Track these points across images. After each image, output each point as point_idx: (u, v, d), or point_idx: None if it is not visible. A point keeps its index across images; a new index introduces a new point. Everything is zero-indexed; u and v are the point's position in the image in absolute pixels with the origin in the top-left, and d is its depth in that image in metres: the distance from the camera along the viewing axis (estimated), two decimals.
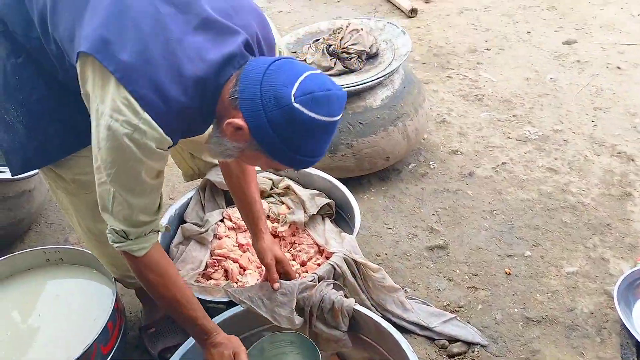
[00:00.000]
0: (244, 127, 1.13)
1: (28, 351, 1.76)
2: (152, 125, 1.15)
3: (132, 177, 1.22)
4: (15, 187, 2.23)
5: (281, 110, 1.10)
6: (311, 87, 1.12)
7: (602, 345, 1.77)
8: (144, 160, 1.19)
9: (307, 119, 1.11)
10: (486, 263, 2.10)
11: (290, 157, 1.16)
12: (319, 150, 1.19)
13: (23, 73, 1.37)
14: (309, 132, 1.13)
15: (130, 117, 1.13)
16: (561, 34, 3.59)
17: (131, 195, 1.25)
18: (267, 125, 1.12)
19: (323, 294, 1.55)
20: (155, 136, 1.16)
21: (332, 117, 1.15)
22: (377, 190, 2.52)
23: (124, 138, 1.15)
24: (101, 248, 1.71)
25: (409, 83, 2.48)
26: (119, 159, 1.18)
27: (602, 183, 2.40)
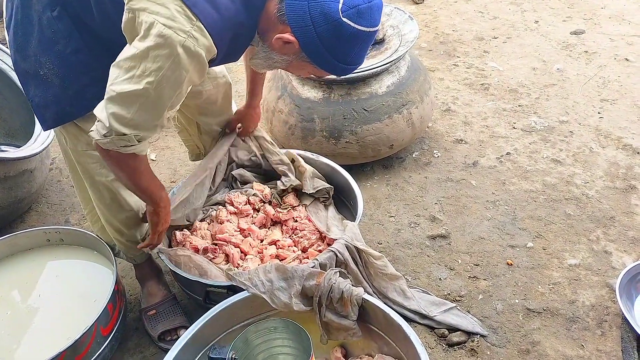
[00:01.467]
0: (294, 41, 1.23)
1: (27, 331, 1.76)
2: (204, 33, 1.20)
3: (173, 86, 1.26)
4: (16, 166, 2.22)
5: (330, 24, 1.20)
6: (355, 1, 1.20)
7: (602, 338, 1.77)
8: (190, 69, 1.24)
9: (354, 32, 1.21)
10: (488, 253, 2.09)
11: (335, 66, 1.28)
12: (361, 59, 1.32)
13: (59, 25, 1.42)
14: (355, 43, 1.24)
15: (184, 24, 1.18)
16: (569, 24, 3.55)
17: (161, 103, 1.28)
18: (317, 39, 1.21)
19: (332, 283, 1.54)
20: (206, 44, 1.22)
21: (374, 27, 1.25)
22: (380, 178, 2.51)
23: (177, 46, 1.18)
24: (112, 208, 1.72)
25: (415, 70, 2.46)
26: (167, 67, 1.21)
27: (606, 175, 2.39)
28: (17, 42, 1.50)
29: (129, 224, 1.78)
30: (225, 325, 1.63)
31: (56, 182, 2.70)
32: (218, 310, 1.57)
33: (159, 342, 1.86)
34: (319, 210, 2.06)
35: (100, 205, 1.73)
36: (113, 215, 1.74)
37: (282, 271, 1.58)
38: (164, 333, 1.87)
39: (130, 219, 1.77)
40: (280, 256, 1.89)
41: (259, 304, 1.61)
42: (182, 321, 1.88)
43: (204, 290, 1.71)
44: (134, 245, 1.84)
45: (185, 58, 1.21)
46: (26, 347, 1.72)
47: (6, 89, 2.60)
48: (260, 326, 1.50)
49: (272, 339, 1.54)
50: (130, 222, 1.78)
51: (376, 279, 1.82)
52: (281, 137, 2.50)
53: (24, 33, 1.48)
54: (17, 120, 2.68)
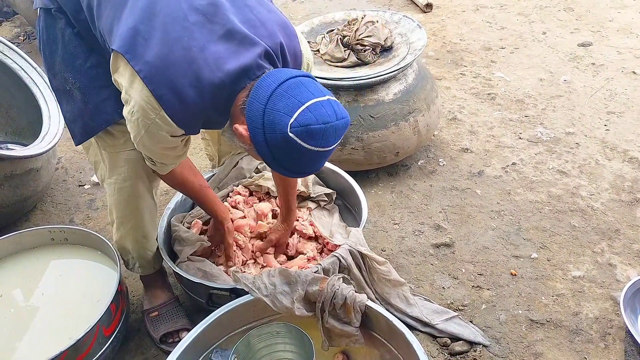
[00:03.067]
0: (246, 136, 1.27)
1: (30, 330, 1.76)
2: (167, 121, 1.30)
3: (151, 149, 1.43)
4: (22, 165, 2.23)
5: (277, 135, 1.21)
6: (309, 120, 1.20)
7: (605, 351, 1.76)
8: (158, 142, 1.39)
9: (300, 148, 1.21)
10: (492, 263, 2.08)
11: (282, 170, 1.30)
12: (310, 170, 1.33)
13: (80, 41, 1.50)
14: (300, 158, 1.24)
15: (149, 113, 1.30)
16: (577, 36, 3.55)
17: (150, 154, 1.48)
18: (264, 143, 1.24)
19: (335, 289, 1.54)
20: (169, 129, 1.33)
21: (326, 147, 1.25)
22: (385, 185, 2.51)
23: (142, 127, 1.34)
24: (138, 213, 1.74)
25: (422, 78, 2.46)
26: (140, 136, 1.38)
27: (612, 188, 2.38)
28: (47, 62, 1.57)
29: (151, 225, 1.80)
30: (227, 328, 1.62)
31: (62, 181, 2.70)
32: (220, 314, 1.56)
33: (160, 344, 1.86)
34: (322, 216, 2.07)
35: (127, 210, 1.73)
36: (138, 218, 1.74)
37: (285, 275, 1.58)
38: (166, 335, 1.86)
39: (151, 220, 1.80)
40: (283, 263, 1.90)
41: (261, 308, 1.60)
42: (184, 323, 1.88)
43: (206, 292, 1.71)
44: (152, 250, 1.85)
45: (149, 138, 1.36)
46: (28, 345, 1.72)
47: (15, 88, 2.61)
48: (262, 330, 1.50)
49: (274, 343, 1.54)
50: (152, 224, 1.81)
51: (379, 285, 1.82)
52: None
53: (50, 52, 1.55)
54: (25, 119, 2.69)
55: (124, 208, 1.72)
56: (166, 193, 2.53)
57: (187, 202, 2.12)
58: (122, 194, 1.69)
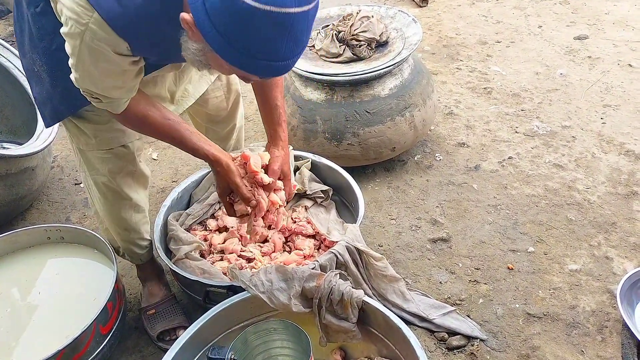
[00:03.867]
0: (189, 20, 1.02)
1: (27, 329, 1.76)
2: (103, 26, 1.10)
3: (92, 72, 1.21)
4: (18, 163, 2.22)
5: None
6: None
7: (602, 344, 1.76)
8: (102, 61, 1.17)
9: (242, 8, 0.95)
10: (489, 257, 2.09)
11: (239, 58, 1.02)
12: (274, 50, 1.01)
13: (43, 21, 1.37)
14: (250, 25, 0.97)
15: (82, 17, 1.10)
16: (573, 29, 3.55)
17: (92, 83, 1.25)
18: (205, 15, 0.99)
19: (332, 285, 1.54)
20: (108, 38, 1.12)
21: (283, 7, 0.96)
22: (381, 180, 2.50)
23: (76, 39, 1.13)
24: (113, 210, 1.72)
25: (418, 73, 2.45)
26: (77, 56, 1.18)
27: (608, 181, 2.38)
28: (17, 40, 1.50)
29: (133, 220, 1.78)
30: (224, 325, 1.62)
31: (57, 180, 2.70)
32: (217, 311, 1.56)
33: (157, 341, 1.86)
34: (319, 213, 2.06)
35: (106, 204, 1.73)
36: (117, 214, 1.74)
37: (282, 272, 1.58)
38: (163, 333, 1.86)
39: (135, 215, 1.77)
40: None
41: (258, 305, 1.60)
42: (181, 321, 1.88)
43: (203, 290, 1.71)
44: (139, 243, 1.84)
45: (89, 55, 1.16)
46: (25, 344, 1.71)
47: (9, 86, 2.60)
48: (259, 327, 1.50)
49: (271, 340, 1.54)
50: (134, 218, 1.78)
51: (375, 280, 1.82)
52: None
53: (20, 31, 1.46)
54: (20, 117, 2.68)
55: (104, 203, 1.71)
56: (162, 191, 2.52)
57: (184, 199, 2.12)
58: (100, 190, 1.68)
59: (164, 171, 2.66)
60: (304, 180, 2.08)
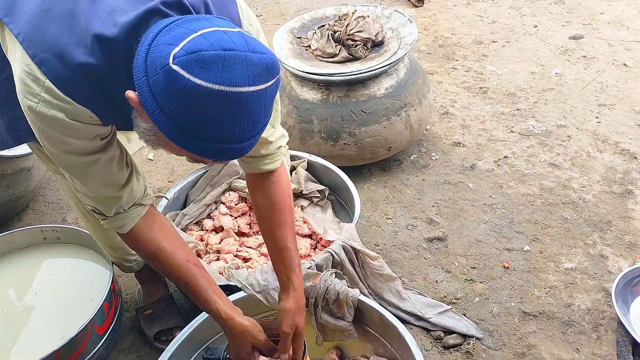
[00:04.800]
0: (134, 98, 0.91)
1: (23, 329, 1.76)
2: (56, 94, 1.00)
3: (63, 157, 1.09)
4: (13, 164, 2.22)
5: (158, 73, 0.86)
6: (201, 45, 0.85)
7: (598, 342, 1.77)
8: (62, 137, 1.05)
9: (190, 87, 0.85)
10: (485, 256, 2.09)
11: (190, 142, 0.90)
12: (228, 133, 0.89)
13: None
14: (199, 106, 0.86)
15: (33, 87, 1.00)
16: (568, 29, 3.56)
17: (76, 175, 1.13)
18: (149, 94, 0.88)
19: (328, 284, 1.54)
20: (63, 106, 1.01)
21: (235, 87, 0.86)
22: (377, 180, 2.51)
23: (32, 113, 1.02)
24: (96, 229, 1.70)
25: (413, 73, 2.46)
26: (42, 137, 1.07)
27: (603, 180, 2.39)
28: None
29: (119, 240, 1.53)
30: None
31: (53, 180, 2.69)
32: None
33: (154, 341, 1.86)
34: (315, 212, 2.07)
35: (87, 225, 1.71)
36: (100, 233, 1.71)
37: None
38: (160, 333, 1.86)
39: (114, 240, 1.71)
40: None
41: (254, 304, 1.61)
42: (178, 321, 1.88)
43: None
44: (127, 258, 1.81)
45: (47, 126, 1.04)
46: (21, 345, 1.71)
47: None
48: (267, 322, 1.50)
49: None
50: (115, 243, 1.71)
51: (372, 279, 1.82)
52: None
53: None
54: None
55: (85, 222, 1.69)
56: (158, 191, 2.52)
57: (179, 201, 2.12)
58: (80, 211, 1.66)
59: (160, 171, 2.66)
60: (300, 180, 2.09)
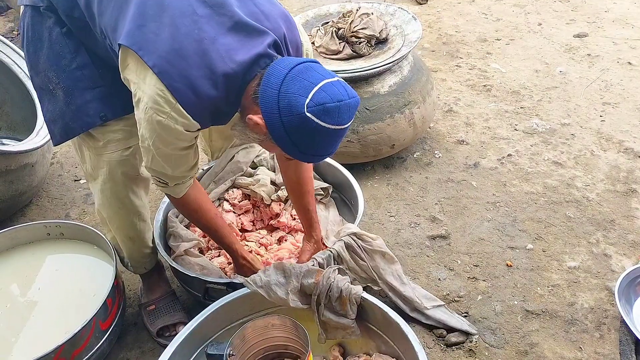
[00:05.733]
0: (262, 124, 1.27)
1: (26, 324, 1.76)
2: (183, 114, 1.30)
3: (165, 152, 1.39)
4: (17, 160, 2.22)
5: (294, 116, 1.23)
6: (324, 99, 1.22)
7: (600, 341, 1.77)
8: (173, 140, 1.36)
9: (317, 127, 1.23)
10: (487, 254, 2.09)
11: (300, 154, 1.31)
12: (327, 151, 1.33)
13: (67, 41, 1.49)
14: (318, 137, 1.26)
15: (164, 107, 1.29)
16: (573, 27, 3.55)
17: (164, 161, 1.42)
18: (281, 127, 1.25)
19: (330, 282, 1.54)
20: (185, 122, 1.31)
21: (341, 125, 1.26)
22: (380, 177, 2.51)
23: (157, 123, 1.31)
24: (123, 218, 1.73)
25: (417, 70, 2.46)
26: (154, 137, 1.35)
27: (607, 179, 2.39)
28: (30, 59, 1.56)
29: (138, 228, 1.78)
30: (223, 322, 1.63)
31: (57, 176, 2.70)
32: (216, 307, 1.57)
33: (157, 337, 1.86)
34: (319, 211, 2.06)
35: (111, 210, 1.73)
36: (123, 221, 1.74)
37: (280, 268, 1.59)
38: (163, 329, 1.87)
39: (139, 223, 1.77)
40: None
41: (257, 301, 1.61)
42: (181, 317, 1.88)
43: (203, 286, 1.71)
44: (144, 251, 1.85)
45: (166, 133, 1.33)
46: (25, 340, 1.72)
47: (9, 82, 2.60)
48: (258, 323, 1.50)
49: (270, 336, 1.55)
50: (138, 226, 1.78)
51: (375, 260, 1.78)
52: None
53: (35, 50, 1.53)
54: (19, 114, 2.68)
55: (108, 209, 1.72)
56: None
57: None
58: (105, 195, 1.68)
59: None
60: None
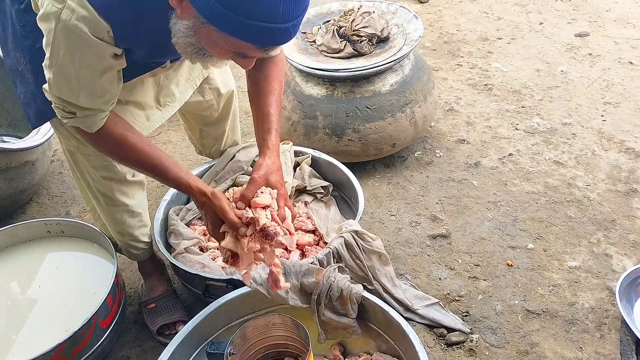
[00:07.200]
0: None
1: (26, 322, 1.76)
2: (82, 2, 1.02)
3: (68, 68, 1.12)
4: (18, 157, 2.22)
5: None
6: None
7: (601, 341, 1.77)
8: (77, 50, 1.08)
9: None
10: (488, 254, 2.09)
11: (240, 23, 0.95)
12: (273, 10, 0.94)
13: (27, 19, 1.31)
14: None
15: None
16: (574, 26, 3.54)
17: (66, 83, 1.16)
18: None
19: (331, 281, 1.54)
20: (86, 16, 1.03)
21: None
22: (381, 176, 2.50)
23: (53, 17, 1.05)
24: (108, 213, 1.71)
25: (419, 69, 2.45)
26: (54, 42, 1.09)
27: (608, 178, 2.38)
28: (0, 39, 1.45)
29: (128, 224, 1.76)
30: (224, 320, 1.63)
31: (57, 173, 2.70)
32: (217, 306, 1.57)
33: (157, 335, 1.86)
34: (319, 209, 2.06)
35: (98, 207, 1.72)
36: (111, 217, 1.73)
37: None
38: (163, 327, 1.87)
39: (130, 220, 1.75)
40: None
41: (258, 300, 1.61)
42: (181, 315, 1.88)
43: (203, 284, 1.71)
44: (135, 245, 1.83)
45: (64, 34, 1.06)
46: (25, 338, 1.72)
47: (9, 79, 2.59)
48: (258, 322, 1.50)
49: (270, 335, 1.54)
50: (129, 223, 1.75)
51: (372, 260, 1.78)
52: (283, 133, 2.49)
53: (2, 28, 1.41)
54: (20, 111, 2.68)
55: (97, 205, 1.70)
56: (162, 185, 2.52)
57: (184, 195, 2.11)
58: (93, 193, 1.66)
59: None
60: (304, 176, 2.08)
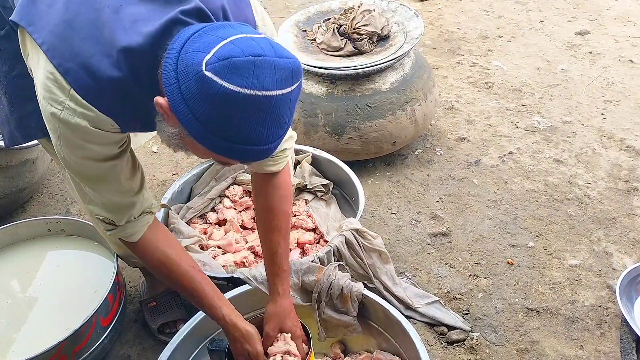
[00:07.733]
0: (164, 104, 0.95)
1: (27, 321, 1.76)
2: (81, 102, 1.03)
3: (78, 164, 1.12)
4: (18, 155, 2.21)
5: (191, 80, 0.90)
6: (232, 52, 0.89)
7: (601, 339, 1.77)
8: (82, 143, 1.08)
9: (224, 93, 0.88)
10: (489, 252, 2.09)
11: (219, 144, 0.94)
12: (255, 135, 0.93)
13: (5, 45, 1.28)
14: (230, 110, 0.90)
15: (57, 95, 1.03)
16: (574, 24, 3.54)
17: (83, 181, 1.16)
18: (182, 100, 0.92)
19: (332, 280, 1.54)
20: (87, 113, 1.04)
21: (264, 90, 0.90)
22: (382, 174, 2.50)
23: (52, 118, 1.05)
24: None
25: (419, 67, 2.45)
26: (62, 144, 1.09)
27: (609, 177, 2.38)
28: None
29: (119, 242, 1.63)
30: None
31: (58, 172, 2.69)
32: None
33: (158, 334, 1.86)
34: (320, 207, 2.07)
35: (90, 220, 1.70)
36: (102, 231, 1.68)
37: None
38: (164, 325, 1.87)
39: None
40: None
41: (259, 298, 1.61)
42: (182, 314, 1.88)
43: None
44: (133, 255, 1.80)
45: (70, 133, 1.06)
46: (25, 336, 1.72)
47: None
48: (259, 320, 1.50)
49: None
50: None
51: (372, 258, 1.78)
52: None
53: None
54: None
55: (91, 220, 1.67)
56: (162, 184, 2.52)
57: (184, 194, 2.12)
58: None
59: (164, 164, 2.66)
60: (305, 175, 2.08)
